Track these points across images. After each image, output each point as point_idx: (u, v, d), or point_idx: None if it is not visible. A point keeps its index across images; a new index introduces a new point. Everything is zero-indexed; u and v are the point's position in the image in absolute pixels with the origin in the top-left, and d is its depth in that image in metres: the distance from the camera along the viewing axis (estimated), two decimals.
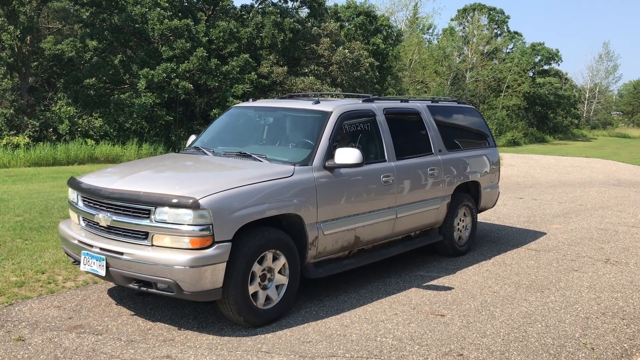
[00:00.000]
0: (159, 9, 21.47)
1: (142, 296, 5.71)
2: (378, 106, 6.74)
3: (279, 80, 23.36)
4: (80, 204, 5.46)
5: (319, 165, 5.67)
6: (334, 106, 6.24)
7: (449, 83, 45.37)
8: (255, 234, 5.02)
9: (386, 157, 6.49)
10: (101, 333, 4.88)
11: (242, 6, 26.39)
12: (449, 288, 6.32)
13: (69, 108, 19.89)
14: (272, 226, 5.26)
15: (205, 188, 4.87)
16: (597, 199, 13.26)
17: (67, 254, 5.68)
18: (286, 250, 5.27)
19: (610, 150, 36.47)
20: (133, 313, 5.34)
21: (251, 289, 5.01)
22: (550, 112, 52.88)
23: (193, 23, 22.30)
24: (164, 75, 20.52)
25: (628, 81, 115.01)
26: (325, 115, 6.09)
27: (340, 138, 6.06)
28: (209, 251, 4.68)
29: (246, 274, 4.92)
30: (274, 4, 25.46)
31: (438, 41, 53.23)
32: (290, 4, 26.78)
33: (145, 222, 4.82)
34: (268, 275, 5.21)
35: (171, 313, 5.37)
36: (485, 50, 52.40)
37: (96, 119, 20.30)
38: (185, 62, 21.26)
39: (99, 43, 21.88)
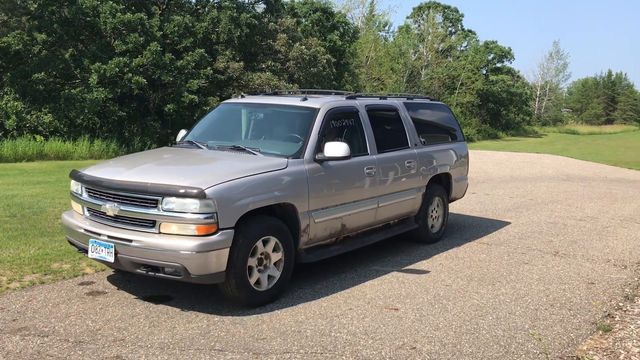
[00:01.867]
0: (111, 2, 20.92)
1: (92, 296, 5.58)
2: (360, 103, 7.19)
3: (236, 75, 23.13)
4: (85, 195, 5.73)
5: (310, 158, 6.07)
6: (321, 103, 6.64)
7: (404, 80, 45.86)
8: (254, 222, 5.38)
9: (368, 151, 6.94)
10: (47, 335, 4.73)
11: (197, 0, 25.99)
12: (403, 282, 6.38)
13: (16, 103, 19.20)
14: (268, 215, 5.61)
15: (209, 179, 5.21)
16: (547, 193, 13.63)
17: (72, 243, 5.98)
18: (281, 237, 5.65)
19: (560, 146, 37.57)
20: (82, 313, 5.20)
21: (250, 272, 5.38)
22: (503, 109, 54.11)
23: (147, 17, 21.83)
24: (117, 69, 20.02)
25: (577, 79, 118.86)
26: (314, 111, 6.49)
27: (327, 133, 6.44)
28: (214, 237, 5.03)
29: (246, 258, 5.29)
30: None
31: (394, 38, 53.72)
32: None
33: (153, 211, 5.13)
34: (265, 261, 5.58)
35: (122, 312, 5.24)
36: (440, 48, 53.16)
37: (45, 114, 19.68)
38: (139, 56, 20.79)
39: (48, 36, 21.18)
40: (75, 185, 5.93)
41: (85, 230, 5.56)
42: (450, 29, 56.33)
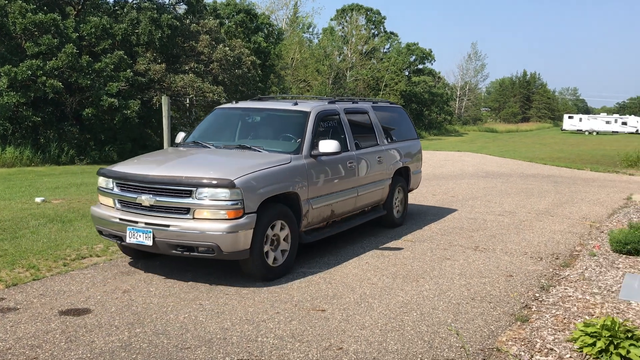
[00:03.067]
0: (20, 2, 19.91)
1: (2, 313, 5.25)
2: (340, 107, 8.37)
3: (157, 78, 22.58)
4: (117, 189, 6.48)
5: (307, 154, 7.11)
6: (311, 107, 7.76)
7: (330, 82, 46.27)
8: (268, 208, 6.31)
9: (349, 147, 8.04)
10: None
11: (115, 1, 25.17)
12: (330, 282, 6.39)
13: None
14: (277, 202, 6.52)
15: (234, 172, 6.10)
16: (467, 190, 14.10)
17: (101, 233, 6.75)
18: (288, 221, 6.66)
19: (480, 144, 39.04)
20: None
21: (265, 250, 6.34)
22: (425, 110, 55.67)
23: (61, 18, 20.92)
24: (29, 72, 19.08)
25: (495, 79, 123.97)
26: (306, 114, 7.58)
27: (317, 133, 7.47)
28: (241, 220, 5.97)
29: (263, 237, 6.24)
30: (150, 0, 24.52)
31: (319, 40, 54.10)
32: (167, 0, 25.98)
33: (188, 200, 5.98)
34: (276, 241, 6.53)
35: (35, 329, 4.96)
36: (364, 50, 54.02)
37: None
38: (53, 59, 19.92)
39: None
40: (104, 182, 6.66)
41: (121, 219, 6.31)
42: (373, 31, 57.39)
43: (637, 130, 75.44)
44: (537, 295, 6.15)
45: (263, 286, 6.22)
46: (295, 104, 8.00)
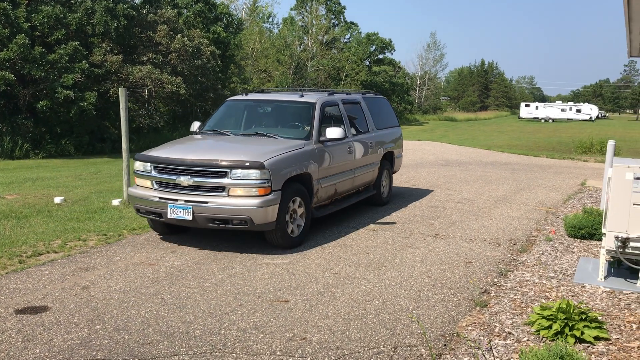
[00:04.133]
0: None
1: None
2: (338, 97, 9.41)
3: (114, 69, 22.08)
4: (154, 172, 7.37)
5: (316, 139, 8.13)
6: (316, 98, 8.75)
7: (291, 72, 46.09)
8: (289, 186, 7.33)
9: (347, 134, 8.90)
10: None
11: None
12: (293, 273, 6.41)
13: None
14: (294, 181, 7.49)
15: (262, 155, 7.09)
16: (427, 178, 14.29)
17: (139, 211, 7.63)
18: (303, 198, 7.66)
19: (440, 133, 39.57)
20: None
21: (287, 222, 7.33)
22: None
23: (11, 7, 20.22)
24: None
25: (454, 68, 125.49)
26: (313, 105, 8.57)
27: (322, 121, 8.48)
28: (270, 196, 6.96)
29: (285, 211, 7.23)
30: None
31: (279, 30, 53.77)
32: None
33: (224, 180, 6.93)
34: (294, 215, 7.54)
35: None
36: (325, 40, 53.95)
37: None
38: (4, 50, 19.27)
39: None
40: (142, 166, 7.52)
41: (161, 198, 7.20)
42: (333, 21, 57.32)
43: (590, 118, 77.67)
44: (496, 280, 6.29)
45: (226, 279, 6.20)
46: (301, 95, 9.01)
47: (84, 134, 22.02)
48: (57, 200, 10.43)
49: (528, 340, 4.68)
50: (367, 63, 57.75)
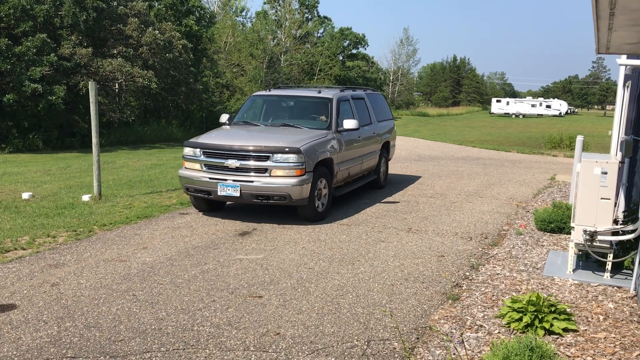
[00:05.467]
0: None
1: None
2: (348, 93, 10.74)
3: (84, 62, 21.68)
4: (203, 156, 8.65)
5: (335, 129, 9.49)
6: (332, 94, 10.11)
7: (264, 66, 45.85)
8: (317, 169, 8.66)
9: (357, 126, 9.94)
10: None
11: None
12: (267, 269, 6.39)
13: None
14: (320, 165, 8.81)
15: (297, 142, 8.44)
16: (400, 173, 14.37)
17: (188, 190, 8.85)
18: (327, 179, 9.04)
19: (413, 128, 39.82)
20: None
21: (315, 199, 8.70)
22: None
23: None
24: None
25: (426, 64, 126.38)
26: (330, 100, 9.93)
27: (339, 113, 9.80)
28: (304, 177, 8.33)
29: (315, 190, 8.63)
30: None
31: (252, 24, 53.41)
32: None
33: (267, 162, 8.27)
34: (319, 194, 8.82)
35: None
36: (298, 35, 53.78)
37: None
38: None
39: None
40: (192, 151, 8.79)
41: (210, 178, 8.49)
42: (306, 15, 57.12)
43: (560, 113, 79.00)
44: (468, 274, 6.37)
45: (199, 275, 6.15)
46: (319, 92, 10.36)
47: (53, 128, 21.58)
48: (25, 195, 10.22)
49: (499, 332, 4.75)
50: (341, 58, 57.77)
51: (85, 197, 10.09)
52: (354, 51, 61.39)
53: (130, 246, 7.26)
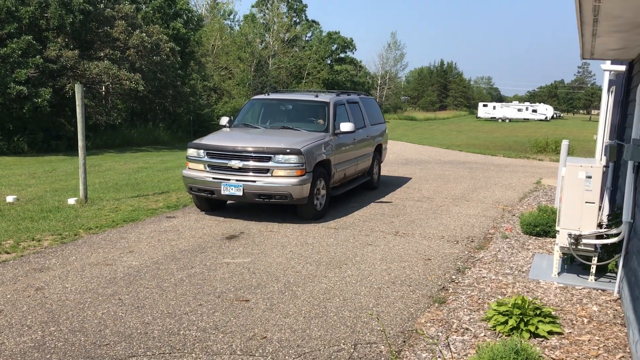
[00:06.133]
0: None
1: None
2: (344, 98, 11.09)
3: (70, 64, 21.54)
4: (206, 157, 8.93)
5: (332, 132, 9.78)
6: (329, 98, 10.45)
7: (252, 70, 45.82)
8: (316, 169, 8.93)
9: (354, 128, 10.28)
10: None
11: None
12: (254, 272, 6.38)
13: None
14: (319, 166, 9.05)
15: (297, 143, 8.73)
16: (388, 177, 14.41)
17: (191, 189, 9.12)
18: (325, 179, 9.31)
19: (400, 132, 39.96)
20: None
21: (315, 199, 9.02)
22: None
23: None
24: None
25: (414, 68, 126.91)
26: (327, 103, 10.24)
27: (335, 117, 10.10)
28: (305, 177, 8.62)
29: (314, 189, 8.92)
30: None
31: (240, 27, 53.36)
32: None
33: (269, 163, 8.56)
34: (317, 193, 9.10)
35: None
36: (286, 38, 53.80)
37: None
38: None
39: None
40: (195, 152, 9.06)
41: (214, 178, 8.77)
42: (295, 19, 57.19)
43: (546, 117, 79.70)
44: (454, 277, 6.40)
45: (185, 279, 6.12)
46: (317, 95, 10.73)
47: (38, 131, 21.40)
48: (10, 199, 10.12)
49: (485, 335, 4.78)
50: (329, 62, 57.89)
51: (71, 201, 10.02)
52: (342, 55, 61.56)
53: (116, 250, 7.22)
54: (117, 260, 6.77)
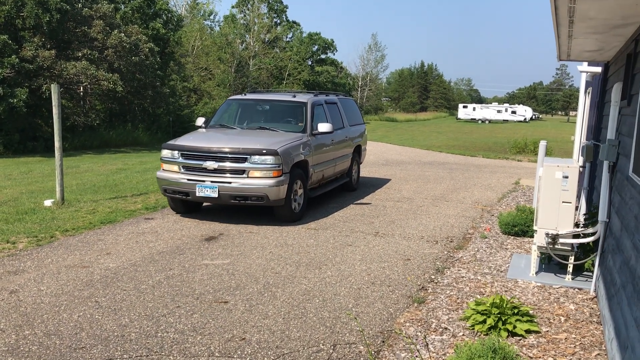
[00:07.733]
0: None
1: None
2: (322, 98, 11.03)
3: (47, 64, 21.24)
4: (181, 158, 8.75)
5: (310, 133, 9.72)
6: (307, 98, 10.39)
7: (233, 70, 45.63)
8: (293, 170, 8.83)
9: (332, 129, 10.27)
10: None
11: None
12: (233, 274, 6.33)
13: None
14: (296, 167, 8.97)
15: (274, 144, 8.62)
16: (368, 178, 14.44)
17: (166, 191, 8.95)
18: (302, 180, 9.23)
19: (381, 133, 40.09)
20: None
21: (292, 200, 8.85)
22: None
23: None
24: None
25: (394, 70, 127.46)
26: (305, 104, 10.18)
27: (313, 117, 10.04)
28: (281, 178, 8.50)
29: (291, 191, 8.77)
30: None
31: (220, 28, 53.11)
32: None
33: (245, 164, 8.44)
34: (294, 194, 8.97)
35: None
36: (267, 39, 53.69)
37: None
38: None
39: None
40: (169, 153, 8.88)
41: (189, 179, 8.62)
42: (275, 19, 57.10)
43: (525, 119, 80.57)
44: (433, 277, 6.42)
45: (163, 281, 6.06)
46: (294, 96, 10.66)
47: (14, 132, 21.06)
48: None
49: (463, 335, 4.80)
50: (310, 63, 57.89)
51: (48, 202, 9.87)
52: (323, 56, 61.59)
53: (93, 252, 7.12)
54: (94, 262, 6.68)
